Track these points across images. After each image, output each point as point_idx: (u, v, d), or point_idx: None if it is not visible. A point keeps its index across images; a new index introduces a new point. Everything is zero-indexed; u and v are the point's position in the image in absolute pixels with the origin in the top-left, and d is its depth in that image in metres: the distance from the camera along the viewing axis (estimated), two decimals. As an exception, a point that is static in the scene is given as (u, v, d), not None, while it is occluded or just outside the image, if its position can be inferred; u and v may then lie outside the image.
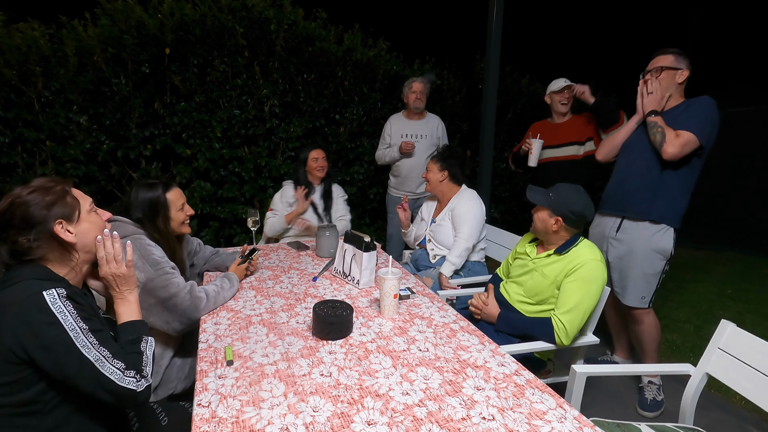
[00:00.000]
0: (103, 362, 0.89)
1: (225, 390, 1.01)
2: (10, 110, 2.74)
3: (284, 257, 2.03)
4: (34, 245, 0.93)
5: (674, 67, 1.89)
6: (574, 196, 1.55)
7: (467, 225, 2.20)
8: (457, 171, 2.29)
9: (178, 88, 3.09)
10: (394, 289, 1.38)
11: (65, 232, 0.97)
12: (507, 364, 1.14)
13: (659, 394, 2.03)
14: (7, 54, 2.69)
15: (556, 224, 1.57)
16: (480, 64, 4.33)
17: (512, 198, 4.72)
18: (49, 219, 0.95)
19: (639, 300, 1.98)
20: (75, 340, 0.86)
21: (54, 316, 0.86)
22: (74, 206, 1.00)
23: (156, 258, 1.36)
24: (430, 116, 3.20)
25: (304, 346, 1.21)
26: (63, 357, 0.85)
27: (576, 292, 1.49)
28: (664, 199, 1.89)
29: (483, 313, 1.65)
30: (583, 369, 1.31)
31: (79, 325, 0.88)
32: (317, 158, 2.58)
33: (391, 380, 1.06)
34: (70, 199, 0.99)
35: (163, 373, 1.45)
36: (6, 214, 0.93)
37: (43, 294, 0.87)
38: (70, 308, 0.89)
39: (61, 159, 2.90)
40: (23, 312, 0.85)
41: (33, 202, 0.94)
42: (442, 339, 1.28)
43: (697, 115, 1.80)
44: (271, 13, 3.24)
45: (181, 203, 1.55)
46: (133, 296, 1.10)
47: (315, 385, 1.03)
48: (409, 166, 3.11)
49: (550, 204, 1.57)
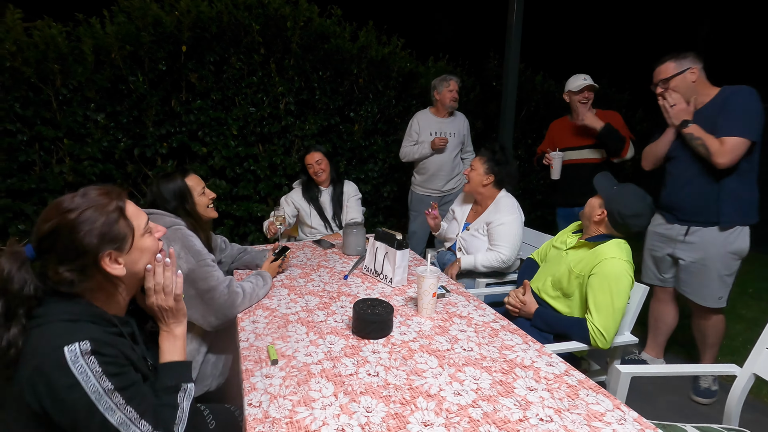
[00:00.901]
0: (128, 425, 0.78)
1: (274, 390, 0.99)
2: (29, 108, 2.73)
3: (311, 255, 2.02)
4: (78, 278, 0.80)
5: (678, 72, 1.85)
6: (632, 201, 1.50)
7: (507, 247, 2.02)
8: (505, 178, 2.13)
9: (195, 86, 3.08)
10: (433, 288, 1.35)
11: (113, 264, 0.84)
12: (556, 364, 1.12)
13: (714, 384, 2.02)
14: (25, 52, 2.67)
15: (600, 216, 1.55)
16: (493, 62, 4.30)
17: (526, 195, 4.70)
18: (99, 249, 0.81)
19: (716, 300, 1.94)
20: (97, 402, 0.75)
21: (74, 378, 0.74)
22: (128, 233, 0.86)
23: (198, 248, 1.35)
24: (457, 114, 3.19)
25: (346, 345, 1.19)
26: (83, 421, 0.76)
27: (602, 292, 1.45)
28: (729, 204, 1.83)
29: (522, 311, 1.63)
30: (627, 369, 1.29)
31: (103, 385, 0.76)
32: (311, 164, 2.51)
33: (440, 380, 1.04)
34: (123, 223, 0.85)
35: (198, 370, 1.43)
36: (49, 237, 0.79)
37: (64, 350, 0.74)
38: (95, 366, 0.76)
39: (79, 157, 2.89)
40: (42, 369, 0.74)
41: (82, 228, 0.79)
42: (484, 338, 1.25)
43: (736, 112, 1.74)
44: (286, 10, 3.21)
45: (201, 187, 1.58)
46: (180, 330, 0.97)
47: (364, 385, 1.01)
48: (437, 163, 3.08)
49: (607, 195, 1.54)
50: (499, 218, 2.05)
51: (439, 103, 3.09)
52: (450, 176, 3.13)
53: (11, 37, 2.65)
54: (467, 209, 2.27)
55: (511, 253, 2.04)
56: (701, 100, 1.88)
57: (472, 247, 2.13)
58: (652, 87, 1.95)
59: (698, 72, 1.86)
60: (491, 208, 2.12)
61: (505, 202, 2.10)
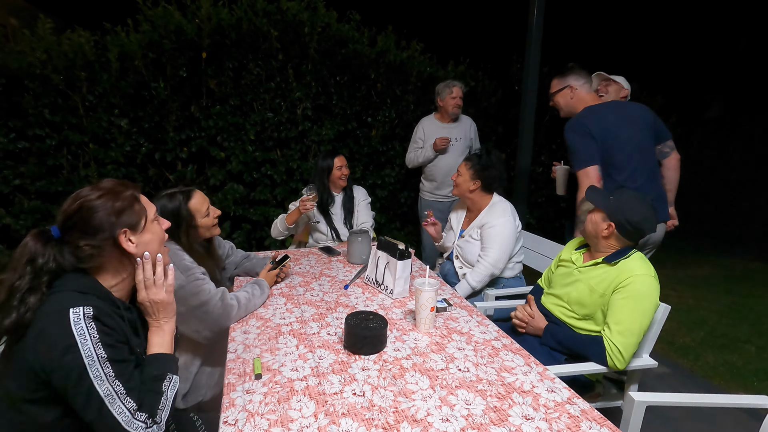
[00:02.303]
0: (114, 398, 0.82)
1: (252, 407, 0.95)
2: (57, 114, 2.85)
3: (315, 263, 1.98)
4: (96, 252, 0.89)
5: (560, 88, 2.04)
6: (636, 205, 1.40)
7: (495, 248, 1.98)
8: (492, 182, 2.07)
9: (214, 92, 3.13)
10: (431, 302, 1.29)
11: (128, 242, 0.93)
12: (558, 390, 1.03)
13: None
14: (55, 60, 2.79)
15: (608, 230, 1.43)
16: (516, 65, 4.18)
17: (549, 203, 4.52)
18: (115, 227, 0.91)
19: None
20: (89, 367, 0.80)
21: (72, 338, 0.80)
22: (141, 215, 0.96)
23: (187, 263, 1.33)
24: (463, 118, 3.12)
25: (335, 361, 1.14)
26: (73, 384, 0.80)
27: (627, 310, 1.35)
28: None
29: (529, 326, 1.54)
30: (642, 397, 1.18)
31: (98, 351, 0.81)
32: (341, 166, 2.47)
33: (429, 403, 0.97)
34: (138, 206, 0.96)
35: (192, 380, 1.42)
36: (73, 216, 0.89)
37: (69, 311, 0.81)
38: (94, 331, 0.82)
39: (103, 161, 2.99)
40: (46, 328, 0.81)
41: (101, 208, 0.90)
42: (483, 358, 1.18)
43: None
44: (305, 16, 3.23)
45: (206, 208, 1.49)
46: (169, 326, 1.01)
47: (347, 405, 0.96)
48: (444, 170, 3.02)
49: (607, 207, 1.43)
50: (491, 221, 2.01)
51: (442, 109, 3.02)
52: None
53: (42, 46, 2.78)
54: (462, 217, 2.22)
55: (498, 255, 1.98)
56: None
57: (468, 253, 2.08)
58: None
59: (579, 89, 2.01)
60: (484, 213, 2.06)
61: (499, 208, 2.05)
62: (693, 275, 4.05)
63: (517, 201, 3.40)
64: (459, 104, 2.96)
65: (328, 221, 2.48)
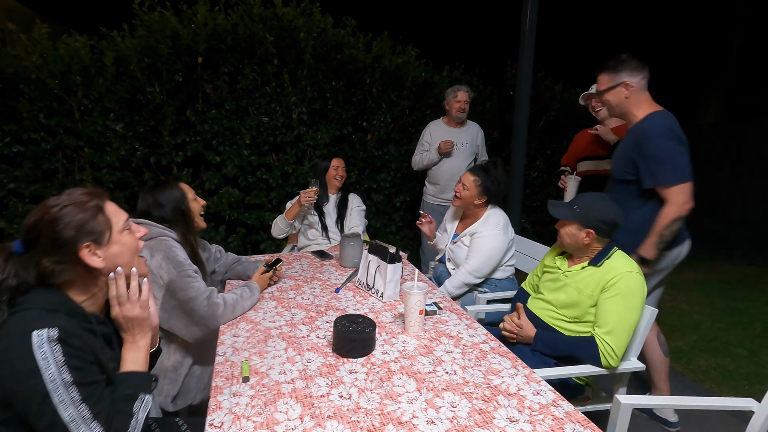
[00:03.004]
0: (78, 424, 0.78)
1: (239, 410, 0.95)
2: (52, 118, 2.86)
3: (307, 266, 1.99)
4: (58, 269, 0.84)
5: (613, 85, 1.70)
6: (602, 205, 1.45)
7: (477, 258, 1.99)
8: (497, 197, 2.07)
9: (209, 96, 3.15)
10: (420, 305, 1.30)
11: (92, 256, 0.87)
12: (543, 393, 1.04)
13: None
14: (50, 64, 2.81)
15: (588, 237, 1.46)
16: (511, 70, 4.21)
17: (543, 207, 4.54)
18: (77, 241, 0.85)
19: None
20: (52, 393, 0.76)
21: (35, 362, 0.75)
22: (105, 227, 0.90)
23: (180, 259, 1.34)
24: (470, 124, 3.16)
25: (323, 364, 1.15)
26: (36, 409, 0.76)
27: (617, 308, 1.38)
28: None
29: (519, 336, 1.54)
30: (628, 400, 1.19)
31: (63, 376, 0.77)
32: (338, 166, 2.54)
33: (415, 406, 0.98)
34: (102, 218, 0.89)
35: (182, 383, 1.42)
36: (33, 230, 0.84)
37: (32, 334, 0.77)
38: (59, 354, 0.77)
39: (98, 165, 3.00)
40: (8, 349, 0.77)
41: (62, 221, 0.84)
42: (470, 361, 1.19)
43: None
44: (300, 21, 3.25)
45: (192, 194, 1.56)
46: (144, 342, 0.96)
47: (333, 408, 0.96)
48: (448, 174, 3.05)
49: (578, 217, 1.46)
50: (481, 231, 2.02)
51: (449, 113, 3.08)
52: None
53: (38, 51, 2.79)
54: (457, 221, 2.23)
55: (478, 265, 2.00)
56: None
57: (458, 258, 2.10)
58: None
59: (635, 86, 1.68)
60: (479, 222, 2.06)
61: (493, 220, 2.05)
62: (687, 279, 4.07)
63: (512, 205, 3.42)
64: (463, 108, 2.99)
65: (320, 218, 2.51)
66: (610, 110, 1.80)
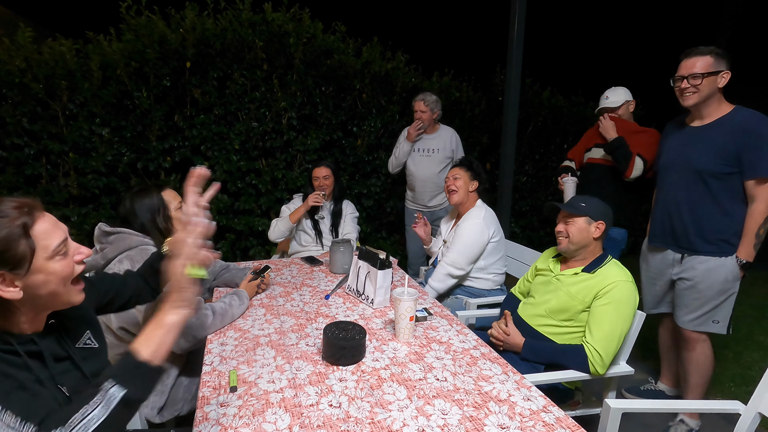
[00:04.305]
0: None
1: (226, 420, 0.94)
2: (36, 123, 2.80)
3: (297, 273, 1.97)
4: None
5: (716, 70, 1.65)
6: (599, 201, 1.56)
7: (456, 248, 2.01)
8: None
9: (198, 101, 3.12)
10: (410, 312, 1.29)
11: (7, 288, 0.73)
12: (534, 399, 1.04)
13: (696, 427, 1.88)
14: (35, 69, 2.76)
15: (598, 230, 1.51)
16: (500, 76, 4.25)
17: (533, 212, 4.58)
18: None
19: (712, 324, 1.83)
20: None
21: None
22: (26, 255, 0.74)
23: None
24: (443, 128, 3.13)
25: (312, 372, 1.14)
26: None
27: (610, 317, 1.40)
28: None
29: (506, 343, 1.55)
30: (618, 404, 1.19)
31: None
32: (318, 177, 2.52)
33: (405, 414, 0.97)
34: (23, 244, 0.74)
35: (168, 393, 1.39)
36: None
37: None
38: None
39: (83, 171, 2.95)
40: None
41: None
42: (461, 367, 1.18)
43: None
44: (290, 26, 3.25)
45: (178, 202, 1.52)
46: (172, 319, 0.77)
47: (323, 417, 0.95)
48: (420, 180, 3.05)
49: (586, 212, 1.51)
50: (461, 223, 2.08)
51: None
52: (435, 192, 3.08)
53: (21, 55, 2.74)
54: (451, 224, 2.25)
55: (455, 256, 2.02)
56: (712, 114, 1.73)
57: None
58: (673, 80, 1.75)
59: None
60: (464, 217, 2.11)
61: (475, 211, 2.10)
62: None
63: (501, 210, 3.44)
64: (420, 117, 2.96)
65: (314, 224, 2.50)
66: (700, 94, 1.70)
